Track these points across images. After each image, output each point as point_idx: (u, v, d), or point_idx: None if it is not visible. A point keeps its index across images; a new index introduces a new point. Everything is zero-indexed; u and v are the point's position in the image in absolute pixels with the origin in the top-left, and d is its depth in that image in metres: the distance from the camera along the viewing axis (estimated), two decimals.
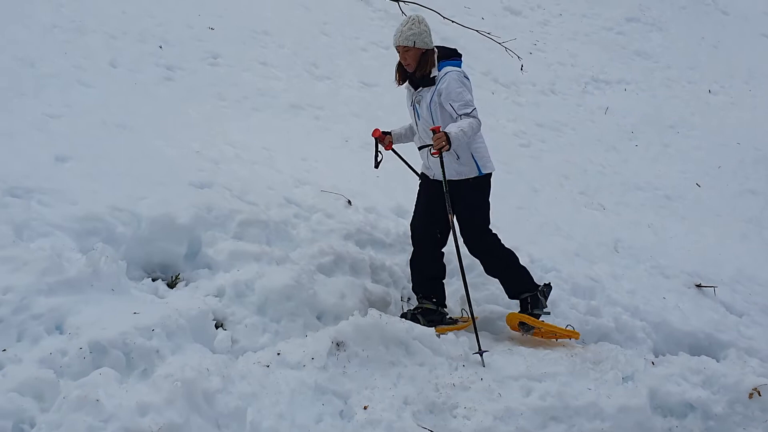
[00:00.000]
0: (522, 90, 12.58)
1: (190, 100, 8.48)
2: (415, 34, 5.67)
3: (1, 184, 5.64)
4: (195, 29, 10.18)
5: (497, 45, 12.99)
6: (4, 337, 4.33)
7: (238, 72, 9.57)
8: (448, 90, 5.69)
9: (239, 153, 7.53)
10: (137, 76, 8.55)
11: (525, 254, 7.31)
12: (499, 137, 10.47)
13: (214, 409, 4.17)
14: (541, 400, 4.97)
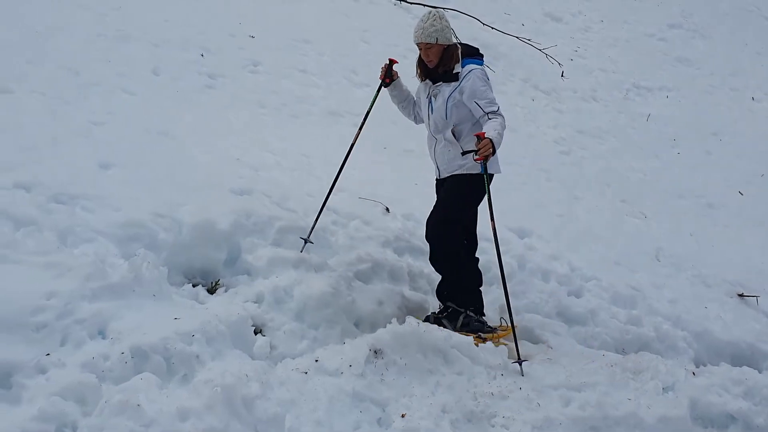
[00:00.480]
0: (563, 97, 12.52)
1: (231, 107, 8.57)
2: (437, 30, 5.59)
3: (46, 190, 5.74)
4: (236, 37, 10.30)
5: (538, 51, 12.95)
6: (48, 341, 4.38)
7: (277, 79, 9.65)
8: (473, 88, 5.62)
9: (278, 160, 7.58)
10: (179, 83, 8.66)
11: (565, 262, 7.29)
12: (539, 144, 10.46)
13: (253, 415, 4.19)
14: (580, 410, 4.92)
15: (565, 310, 6.71)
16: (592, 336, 6.52)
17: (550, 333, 6.24)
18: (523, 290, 6.69)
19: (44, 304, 4.51)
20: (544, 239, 7.67)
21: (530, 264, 7.10)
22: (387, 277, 6.37)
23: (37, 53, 8.01)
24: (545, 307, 6.62)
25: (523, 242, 7.48)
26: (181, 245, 5.85)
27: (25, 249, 4.92)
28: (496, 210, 7.88)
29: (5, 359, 4.18)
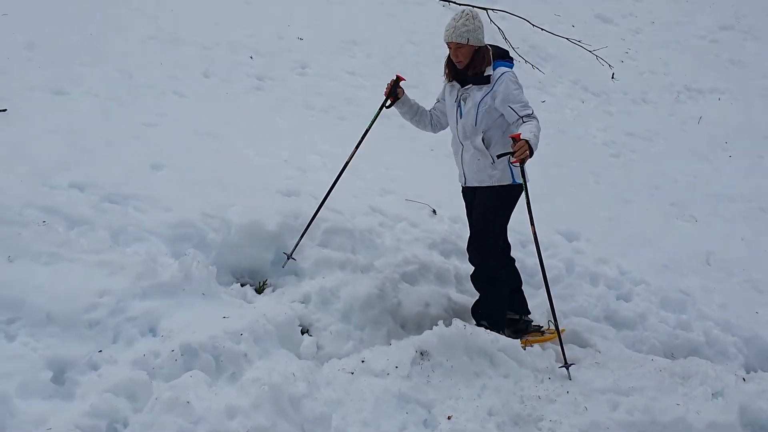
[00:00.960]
0: (613, 99, 12.39)
1: (279, 109, 8.65)
2: (469, 31, 5.37)
3: (100, 190, 5.87)
4: (285, 40, 10.39)
5: (588, 53, 12.83)
6: (100, 338, 4.49)
7: (325, 81, 9.72)
8: (506, 92, 5.38)
9: (325, 162, 7.63)
10: (228, 86, 8.78)
11: (614, 266, 7.22)
12: (588, 147, 10.37)
13: (300, 414, 4.23)
14: (628, 415, 4.87)
15: (613, 314, 6.64)
16: (640, 340, 6.44)
17: (599, 337, 6.18)
18: (571, 294, 6.64)
19: (97, 301, 4.62)
20: (593, 242, 7.60)
21: (578, 267, 7.04)
22: (433, 279, 6.37)
23: (92, 55, 8.18)
24: (593, 310, 6.56)
25: (571, 245, 7.42)
26: (230, 245, 5.93)
27: (79, 247, 5.03)
28: (544, 212, 7.85)
29: (59, 356, 4.29)
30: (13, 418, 3.82)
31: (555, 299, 6.36)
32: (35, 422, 3.89)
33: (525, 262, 6.83)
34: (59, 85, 7.42)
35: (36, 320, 4.41)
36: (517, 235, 7.16)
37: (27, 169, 5.86)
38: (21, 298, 4.46)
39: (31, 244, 4.86)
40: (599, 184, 9.32)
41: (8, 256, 4.72)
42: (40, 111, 6.88)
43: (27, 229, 4.95)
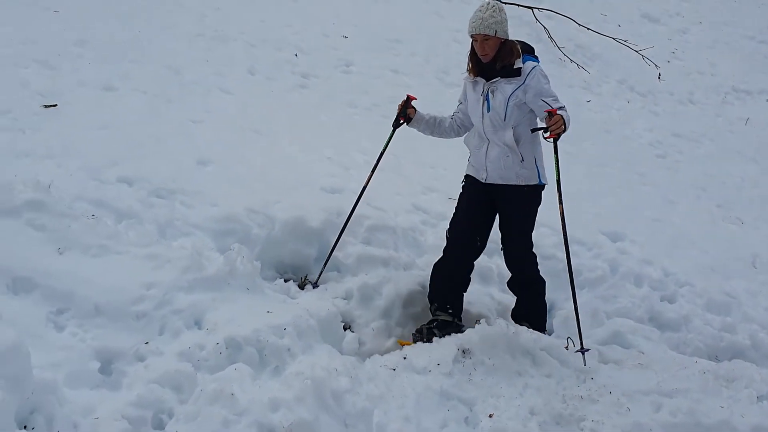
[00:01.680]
0: (659, 99, 12.26)
1: (323, 107, 8.70)
2: (497, 23, 5.15)
3: (148, 185, 5.97)
4: (330, 38, 10.45)
5: (634, 53, 12.74)
6: (147, 330, 4.55)
7: (370, 79, 9.75)
8: (538, 86, 5.22)
9: (368, 159, 7.63)
10: (273, 83, 8.85)
11: (659, 267, 7.14)
12: (634, 147, 10.29)
13: (342, 408, 4.24)
14: (671, 416, 4.82)
15: (657, 315, 6.57)
16: (684, 342, 6.37)
17: (642, 338, 6.12)
18: (615, 294, 6.59)
19: (144, 294, 4.69)
20: (638, 243, 7.53)
21: (623, 268, 6.97)
22: (476, 278, 6.34)
23: (140, 52, 8.32)
24: (637, 311, 6.49)
25: (615, 246, 7.36)
26: (274, 241, 5.99)
27: (126, 241, 5.11)
28: (588, 213, 7.85)
29: (107, 346, 4.36)
30: (62, 407, 3.89)
31: (598, 300, 6.37)
32: (83, 411, 3.95)
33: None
34: (108, 82, 7.55)
35: (85, 311, 4.48)
36: (560, 234, 7.12)
37: (77, 163, 5.99)
38: (70, 290, 4.53)
39: (80, 236, 4.94)
40: (645, 185, 9.24)
41: (58, 248, 4.81)
42: (90, 107, 7.02)
43: (77, 222, 5.03)
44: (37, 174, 5.46)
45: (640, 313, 6.50)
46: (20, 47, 7.69)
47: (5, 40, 7.72)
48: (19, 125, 6.39)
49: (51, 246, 4.80)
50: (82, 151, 6.18)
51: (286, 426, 3.80)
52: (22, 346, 3.72)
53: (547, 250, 6.77)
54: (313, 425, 3.91)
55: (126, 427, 3.91)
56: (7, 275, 4.47)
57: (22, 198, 4.95)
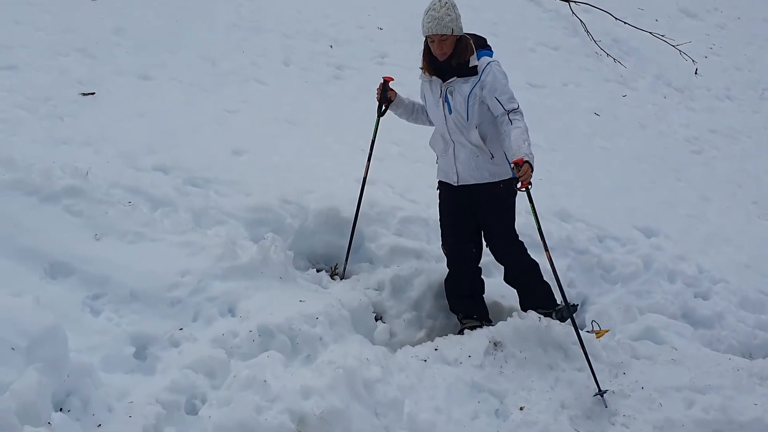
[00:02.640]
0: (696, 95, 12.11)
1: (357, 98, 8.70)
2: (452, 20, 4.99)
3: (183, 173, 6.03)
4: (365, 29, 10.45)
5: (671, 48, 12.61)
6: (181, 316, 4.61)
7: (404, 71, 9.67)
8: (494, 82, 5.05)
9: (402, 151, 7.66)
10: (308, 74, 8.88)
11: (693, 264, 7.08)
12: (670, 143, 10.19)
13: (374, 397, 4.27)
14: (704, 413, 4.79)
15: (691, 312, 6.52)
16: (718, 339, 6.31)
17: (675, 334, 6.07)
18: (648, 290, 6.54)
19: (179, 281, 4.74)
20: (672, 239, 7.46)
21: (656, 264, 6.92)
22: None
23: (177, 42, 8.38)
24: (671, 308, 6.44)
25: (649, 242, 7.30)
26: (307, 231, 6.03)
27: (162, 228, 5.17)
28: (622, 207, 7.80)
29: (142, 331, 4.43)
30: (97, 390, 3.95)
31: (631, 295, 6.34)
32: (118, 395, 4.01)
33: (602, 258, 6.77)
34: (145, 71, 7.62)
35: (120, 297, 4.55)
36: (594, 229, 7.11)
37: (114, 150, 6.06)
38: (107, 275, 4.60)
39: (117, 223, 5.00)
40: (680, 181, 9.15)
41: (95, 235, 4.87)
42: (127, 95, 7.10)
43: (113, 208, 5.09)
44: (75, 161, 5.54)
45: (673, 309, 6.44)
46: (59, 35, 7.77)
47: (45, 27, 7.81)
48: (58, 112, 6.47)
49: (88, 232, 4.86)
50: (119, 139, 6.25)
51: (317, 413, 3.84)
52: (60, 330, 3.79)
53: (580, 245, 6.75)
54: (345, 413, 3.94)
55: (159, 411, 3.96)
56: (45, 260, 4.54)
57: (60, 184, 5.02)
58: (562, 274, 6.39)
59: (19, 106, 6.34)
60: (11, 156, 5.13)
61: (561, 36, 12.37)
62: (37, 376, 3.42)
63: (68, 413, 3.69)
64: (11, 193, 4.78)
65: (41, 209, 4.83)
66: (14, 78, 6.74)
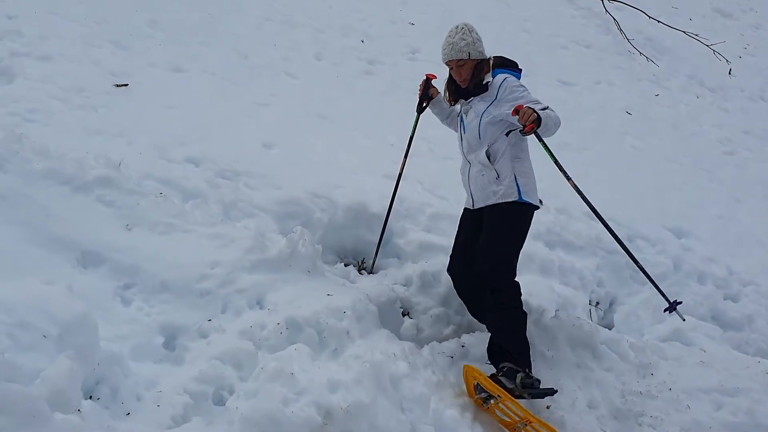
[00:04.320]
0: (729, 95, 11.99)
1: (388, 93, 8.72)
2: (468, 44, 4.87)
3: (214, 166, 6.07)
4: (396, 24, 10.44)
5: (704, 47, 12.48)
6: (210, 308, 4.62)
7: (435, 67, 9.63)
8: (511, 97, 4.77)
9: (432, 147, 7.65)
10: (339, 69, 8.89)
11: (723, 265, 7.03)
12: (702, 143, 10.09)
13: (399, 392, 4.27)
14: (731, 416, 4.76)
15: (720, 314, 6.48)
16: (747, 342, 6.27)
17: (704, 336, 6.03)
18: (678, 291, 6.50)
19: (209, 272, 4.76)
20: (703, 241, 7.41)
21: (686, 265, 6.88)
22: (537, 270, 6.32)
23: (210, 35, 8.43)
24: (700, 309, 6.40)
25: (679, 242, 7.26)
26: (336, 225, 6.05)
27: (192, 220, 5.19)
28: (652, 208, 7.73)
29: (172, 322, 4.46)
30: (127, 378, 3.99)
31: (661, 296, 6.26)
32: (146, 384, 4.05)
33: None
34: (178, 63, 7.68)
35: (150, 287, 4.58)
36: (625, 229, 7.06)
37: (146, 142, 6.11)
38: (137, 265, 4.64)
39: (148, 214, 5.03)
40: (711, 182, 9.07)
41: (127, 225, 4.91)
42: (160, 87, 7.15)
43: (145, 199, 5.13)
44: (108, 151, 5.59)
45: (702, 311, 6.42)
46: (94, 26, 7.84)
47: (79, 18, 7.88)
48: (91, 103, 6.54)
49: (120, 222, 4.90)
50: (151, 131, 6.30)
51: (344, 407, 3.84)
52: (91, 318, 3.83)
53: (609, 245, 6.70)
54: (371, 408, 3.94)
55: (187, 401, 4.00)
56: (76, 249, 4.58)
57: (93, 174, 5.06)
58: (590, 273, 6.40)
59: (53, 97, 6.41)
60: (45, 145, 5.18)
61: (593, 33, 12.29)
62: (67, 363, 3.45)
63: (98, 401, 3.74)
64: (44, 182, 4.83)
65: (74, 199, 4.87)
66: (48, 68, 6.81)
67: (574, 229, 6.87)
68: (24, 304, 3.66)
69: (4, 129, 5.29)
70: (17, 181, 4.74)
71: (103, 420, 3.47)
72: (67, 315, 3.72)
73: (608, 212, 6.90)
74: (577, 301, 6.20)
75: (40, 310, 3.67)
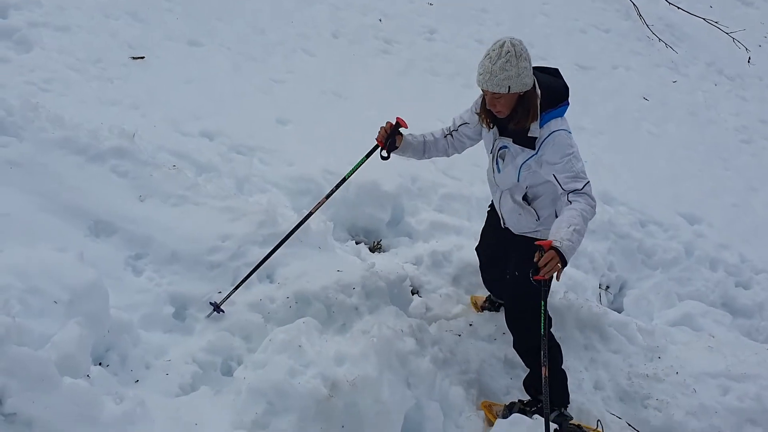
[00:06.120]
0: (747, 84, 11.88)
1: (404, 73, 8.69)
2: (510, 77, 3.94)
3: (228, 140, 6.10)
4: (414, 4, 10.38)
5: (724, 35, 12.36)
6: (220, 280, 4.65)
7: (453, 49, 9.68)
8: (553, 160, 4.07)
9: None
10: (356, 47, 8.87)
11: (736, 253, 7.01)
12: (718, 131, 10.03)
13: (406, 368, 4.29)
14: (738, 401, 4.76)
15: (731, 300, 6.47)
16: (757, 329, 6.26)
17: (713, 322, 6.03)
18: (689, 277, 6.51)
19: (220, 245, 4.79)
20: (716, 228, 7.38)
21: (698, 251, 6.87)
22: None
23: (227, 10, 8.41)
24: (710, 295, 6.40)
25: (692, 229, 7.24)
26: (348, 203, 6.05)
27: (205, 193, 5.21)
28: (666, 193, 7.69)
29: (182, 292, 4.51)
30: (136, 346, 4.04)
31: (671, 281, 6.28)
32: (156, 352, 4.10)
33: (644, 242, 6.72)
34: (194, 37, 7.68)
35: (162, 258, 4.62)
36: (637, 214, 7.05)
37: (161, 114, 6.14)
38: (149, 236, 4.67)
39: (161, 185, 5.05)
40: (727, 170, 9.01)
41: (139, 196, 4.94)
42: (176, 61, 7.16)
43: (158, 171, 5.15)
44: (122, 122, 5.61)
45: (713, 297, 6.41)
46: None
47: None
48: (107, 75, 6.56)
49: (133, 192, 4.93)
50: (166, 104, 6.32)
51: (350, 380, 3.87)
52: (102, 286, 3.88)
53: (622, 229, 6.71)
54: (377, 382, 3.97)
55: (196, 370, 4.05)
56: (89, 218, 4.63)
57: (107, 145, 5.09)
58: (602, 258, 6.39)
59: (70, 67, 6.44)
60: (60, 115, 5.21)
61: (613, 18, 12.19)
62: (78, 329, 3.50)
63: (107, 368, 3.79)
64: (59, 151, 4.86)
65: (88, 168, 4.91)
66: (65, 39, 6.82)
67: None
68: (36, 270, 3.71)
69: (20, 98, 5.32)
70: (32, 149, 4.78)
71: (112, 386, 3.52)
72: (78, 282, 3.76)
73: (622, 197, 6.93)
74: (587, 285, 6.19)
75: (51, 277, 3.72)
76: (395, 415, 4.01)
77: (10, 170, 4.61)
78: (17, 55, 6.37)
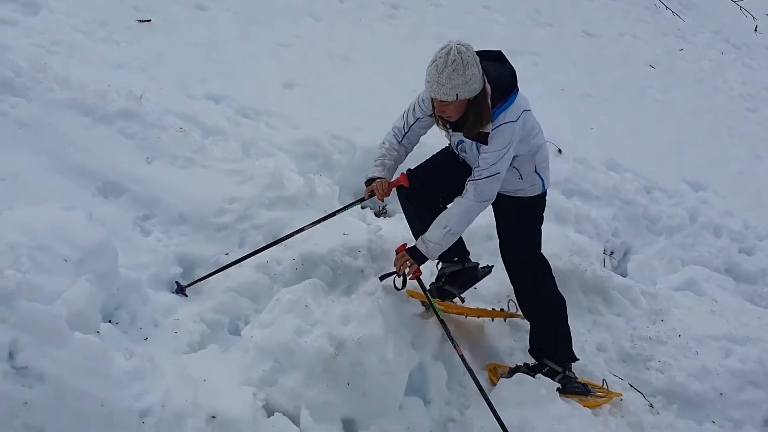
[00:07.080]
0: (754, 52, 11.85)
1: (410, 39, 8.67)
2: (458, 86, 3.83)
3: (234, 103, 6.11)
4: None
5: (731, 3, 12.30)
6: (227, 242, 4.70)
7: (460, 14, 9.63)
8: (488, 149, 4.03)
9: None
10: (363, 12, 8.85)
11: (740, 219, 7.04)
12: (724, 99, 10.01)
13: (411, 330, 4.33)
14: (740, 364, 4.81)
15: (734, 266, 6.52)
16: (760, 295, 6.31)
17: (717, 287, 6.06)
18: (693, 243, 6.54)
19: (227, 207, 4.83)
20: (720, 194, 7.40)
21: (702, 217, 6.89)
22: (553, 218, 6.28)
23: None
24: (714, 261, 6.44)
25: (697, 195, 7.27)
26: (354, 167, 6.06)
27: (212, 155, 5.24)
28: (672, 161, 7.69)
29: (189, 253, 4.56)
30: (145, 305, 4.08)
31: (676, 247, 6.30)
32: (164, 311, 4.15)
33: (648, 208, 6.75)
34: (201, 1, 7.66)
35: (169, 218, 4.66)
36: (642, 180, 7.06)
37: (168, 77, 6.15)
38: (157, 197, 4.71)
39: (168, 147, 5.08)
40: (732, 138, 9.01)
41: (147, 157, 4.97)
42: (183, 24, 7.17)
43: (165, 133, 5.17)
44: (130, 85, 5.62)
45: (717, 263, 6.45)
46: None
47: None
48: (114, 37, 6.57)
49: (140, 154, 4.96)
50: (173, 66, 6.33)
51: (355, 339, 3.91)
52: (111, 245, 3.92)
53: (627, 195, 6.73)
54: (382, 342, 4.00)
55: (204, 329, 4.10)
56: (98, 178, 4.66)
57: (115, 106, 5.12)
58: (606, 224, 6.41)
59: (77, 29, 6.45)
60: (67, 77, 5.22)
61: None
62: (87, 286, 3.53)
63: (116, 325, 3.83)
64: (67, 111, 4.89)
65: (95, 129, 4.94)
66: (72, 2, 6.83)
67: (591, 178, 6.86)
68: (45, 228, 3.75)
69: (28, 59, 5.33)
70: (40, 109, 4.81)
71: (121, 342, 3.55)
72: (87, 241, 3.80)
73: (628, 164, 6.93)
74: (592, 250, 6.18)
75: (61, 235, 3.75)
76: (400, 374, 4.05)
77: (19, 130, 4.64)
78: (24, 17, 6.39)
